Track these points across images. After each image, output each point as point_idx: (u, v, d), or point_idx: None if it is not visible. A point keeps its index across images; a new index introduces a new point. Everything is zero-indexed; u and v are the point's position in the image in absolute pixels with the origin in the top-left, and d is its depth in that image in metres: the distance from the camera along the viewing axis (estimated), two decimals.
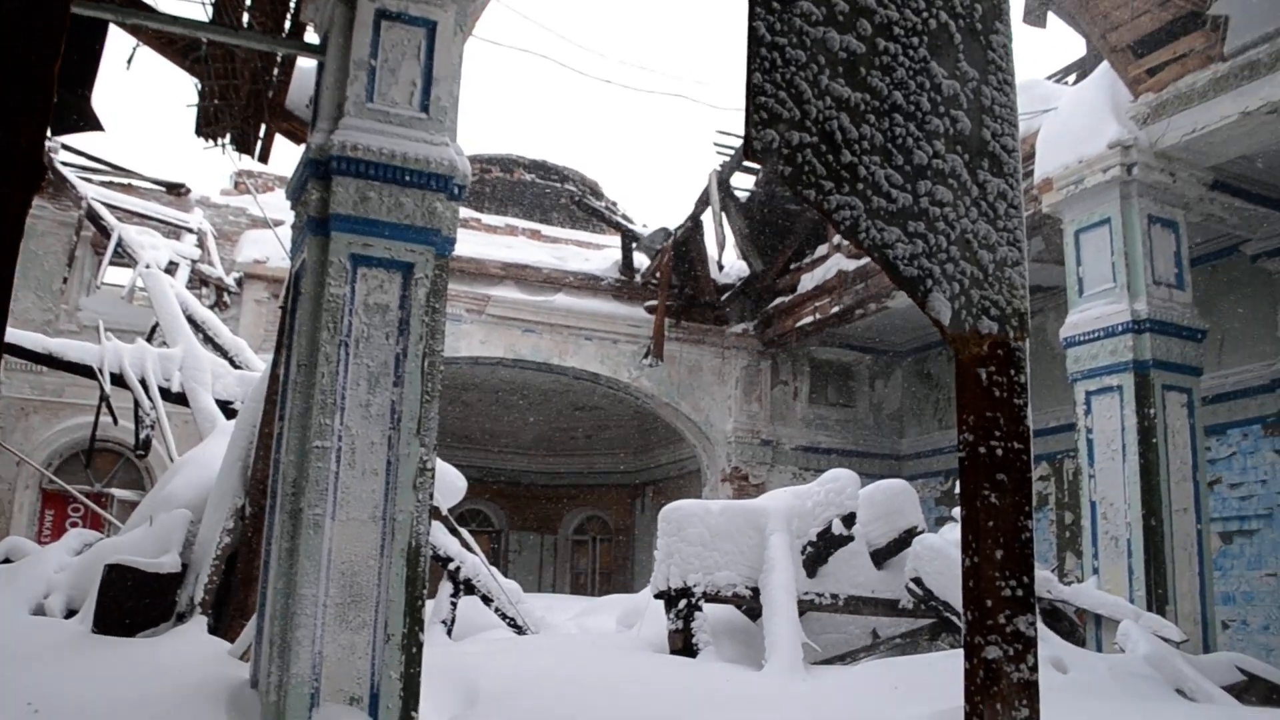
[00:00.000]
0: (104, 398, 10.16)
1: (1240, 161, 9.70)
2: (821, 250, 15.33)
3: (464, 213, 15.86)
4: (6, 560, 8.44)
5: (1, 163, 1.53)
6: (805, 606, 7.89)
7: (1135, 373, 9.07)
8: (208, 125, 8.00)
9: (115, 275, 13.99)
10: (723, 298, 16.27)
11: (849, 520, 8.15)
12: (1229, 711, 6.51)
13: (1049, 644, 7.23)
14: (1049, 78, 12.54)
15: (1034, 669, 1.91)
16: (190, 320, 10.73)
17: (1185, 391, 9.36)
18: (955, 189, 1.96)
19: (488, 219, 16.85)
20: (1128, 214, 9.35)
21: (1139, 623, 8.10)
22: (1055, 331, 9.99)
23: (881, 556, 8.62)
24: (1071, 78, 12.56)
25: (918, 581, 7.99)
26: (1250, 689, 7.51)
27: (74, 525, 13.10)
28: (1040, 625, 7.59)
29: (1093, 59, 11.02)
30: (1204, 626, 8.95)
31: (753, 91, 1.77)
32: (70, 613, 7.02)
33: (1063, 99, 10.51)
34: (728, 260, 16.72)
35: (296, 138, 7.66)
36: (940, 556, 7.69)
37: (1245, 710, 6.69)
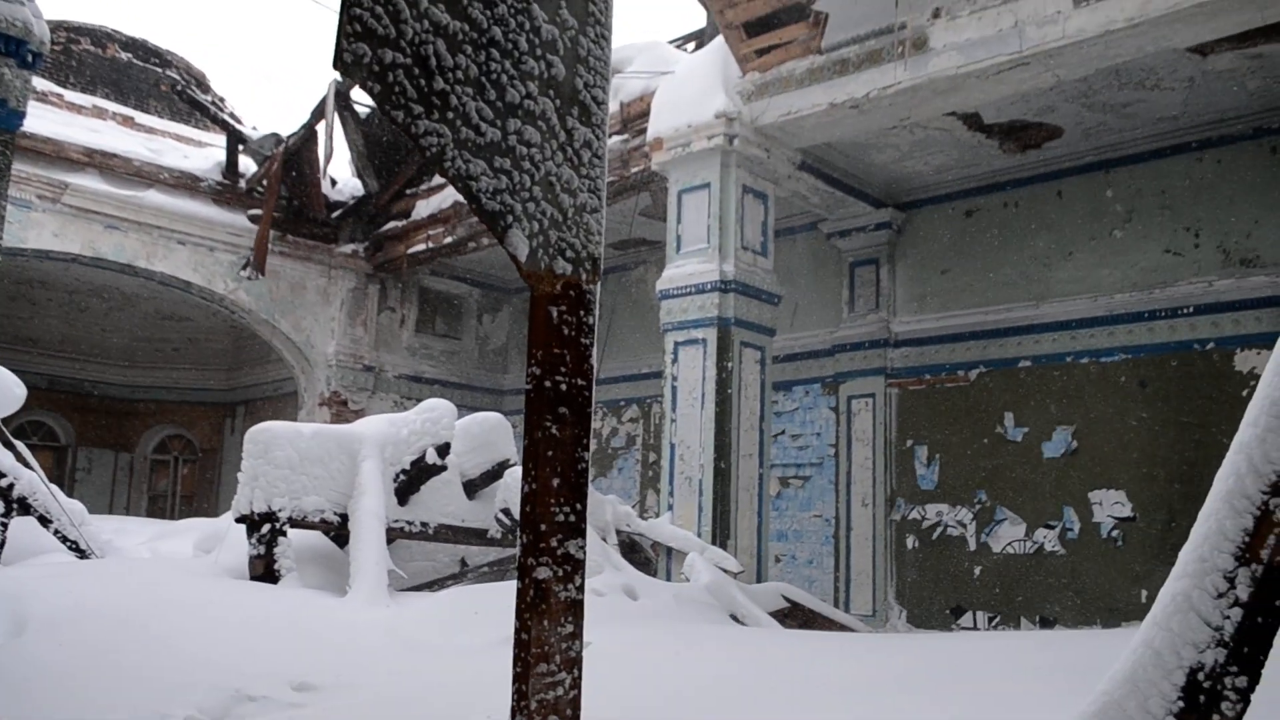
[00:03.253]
0: None
1: (824, 147, 10.69)
2: (439, 179, 15.16)
3: (42, 86, 14.05)
4: None
5: None
6: (395, 534, 7.90)
7: (719, 328, 9.77)
8: None
9: None
10: (333, 215, 15.68)
11: (443, 450, 8.24)
12: (769, 633, 7.32)
13: (624, 573, 7.75)
14: (671, 42, 13.13)
15: (580, 589, 2.05)
16: None
17: (760, 349, 10.24)
18: (544, 131, 2.02)
19: (71, 96, 15.03)
20: (726, 181, 10.00)
21: (704, 555, 8.86)
22: (655, 284, 10.57)
23: (474, 487, 8.79)
24: (691, 45, 13.23)
25: (506, 512, 8.26)
26: (792, 614, 8.48)
27: None
28: (617, 556, 8.14)
29: (711, 31, 11.65)
30: (759, 560, 9.88)
31: (348, 2, 1.73)
32: None
33: (681, 64, 11.02)
34: (342, 176, 16.12)
35: None
36: None
37: (784, 632, 7.54)
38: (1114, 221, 10.38)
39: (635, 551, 9.15)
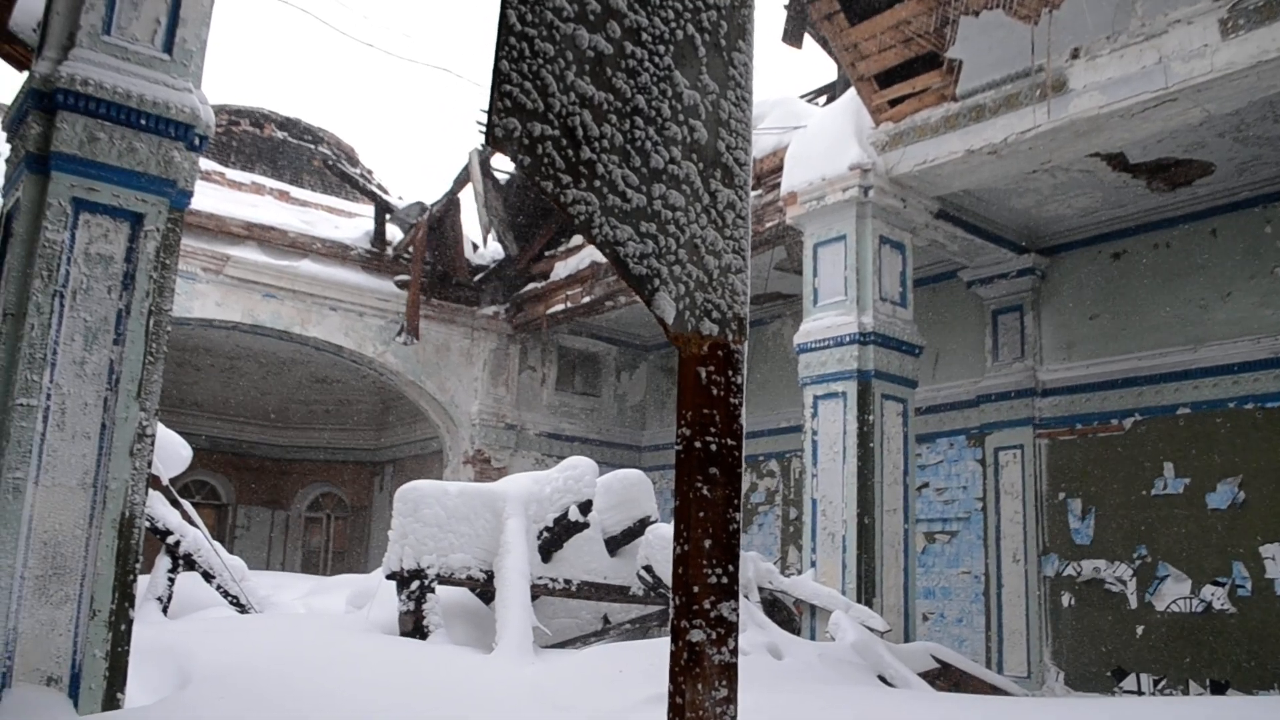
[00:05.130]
0: None
1: (962, 195, 10.51)
2: (576, 240, 15.47)
3: (206, 165, 14.94)
4: None
5: None
6: (539, 591, 7.97)
7: (859, 381, 9.62)
8: None
9: None
10: (476, 278, 16.15)
11: (585, 508, 8.30)
12: (921, 695, 7.07)
13: (767, 632, 7.62)
14: (802, 96, 13.16)
15: (734, 652, 2.02)
16: None
17: (902, 401, 10.03)
18: (688, 195, 2.05)
19: (232, 174, 15.96)
20: (862, 233, 9.90)
21: (849, 613, 8.65)
22: (792, 337, 10.49)
23: (616, 544, 8.82)
24: (823, 99, 13.22)
25: (649, 569, 8.24)
26: (943, 675, 8.18)
27: None
28: (760, 614, 8.02)
29: (842, 84, 11.64)
30: (906, 618, 9.59)
31: (498, 79, 1.79)
32: None
33: (813, 118, 11.03)
34: (483, 241, 16.63)
35: (19, 63, 7.01)
36: (671, 546, 7.94)
37: (936, 694, 7.28)
38: (1275, 259, 9.87)
39: (777, 609, 9.00)
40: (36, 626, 4.73)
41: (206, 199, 13.87)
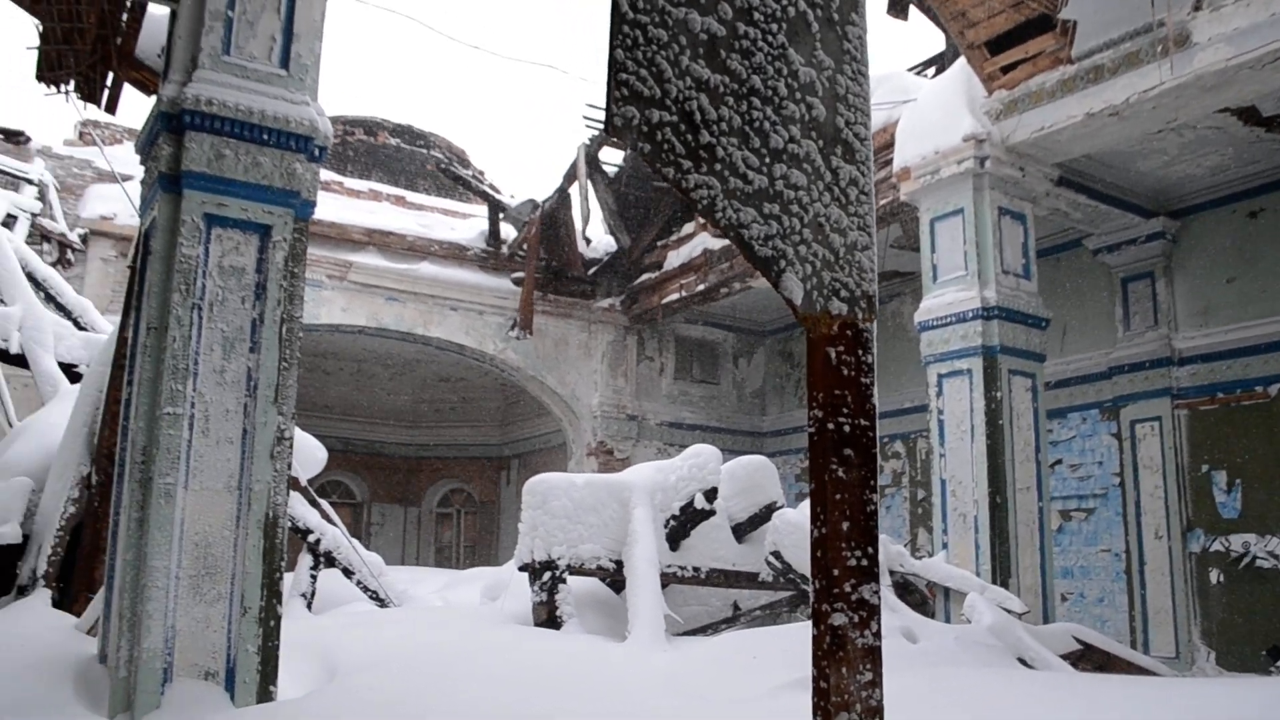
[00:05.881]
0: None
1: (1084, 160, 10.14)
2: (688, 228, 15.47)
3: (325, 175, 15.40)
4: None
5: None
6: (668, 579, 8.01)
7: (984, 357, 9.38)
8: (50, 70, 7.58)
9: None
10: (590, 272, 16.29)
11: (711, 495, 8.29)
12: (1065, 678, 6.86)
13: (900, 615, 7.50)
14: (910, 70, 12.88)
15: (877, 635, 2.00)
16: (30, 278, 10.11)
17: (1030, 376, 9.74)
18: (809, 174, 2.02)
19: (350, 183, 16.43)
20: (980, 205, 9.64)
21: (984, 595, 8.46)
22: (911, 315, 10.29)
23: (742, 530, 8.79)
24: (931, 71, 12.92)
25: (777, 555, 8.19)
26: (1085, 657, 7.93)
27: None
28: (893, 597, 7.90)
29: (951, 54, 11.35)
30: (1044, 599, 9.32)
31: (614, 68, 1.80)
32: None
33: (922, 91, 10.78)
34: (595, 234, 16.75)
35: (147, 88, 7.34)
36: (799, 530, 7.89)
37: (1080, 677, 7.06)
38: None
39: (910, 592, 8.85)
40: (192, 624, 4.94)
41: (327, 208, 14.28)
